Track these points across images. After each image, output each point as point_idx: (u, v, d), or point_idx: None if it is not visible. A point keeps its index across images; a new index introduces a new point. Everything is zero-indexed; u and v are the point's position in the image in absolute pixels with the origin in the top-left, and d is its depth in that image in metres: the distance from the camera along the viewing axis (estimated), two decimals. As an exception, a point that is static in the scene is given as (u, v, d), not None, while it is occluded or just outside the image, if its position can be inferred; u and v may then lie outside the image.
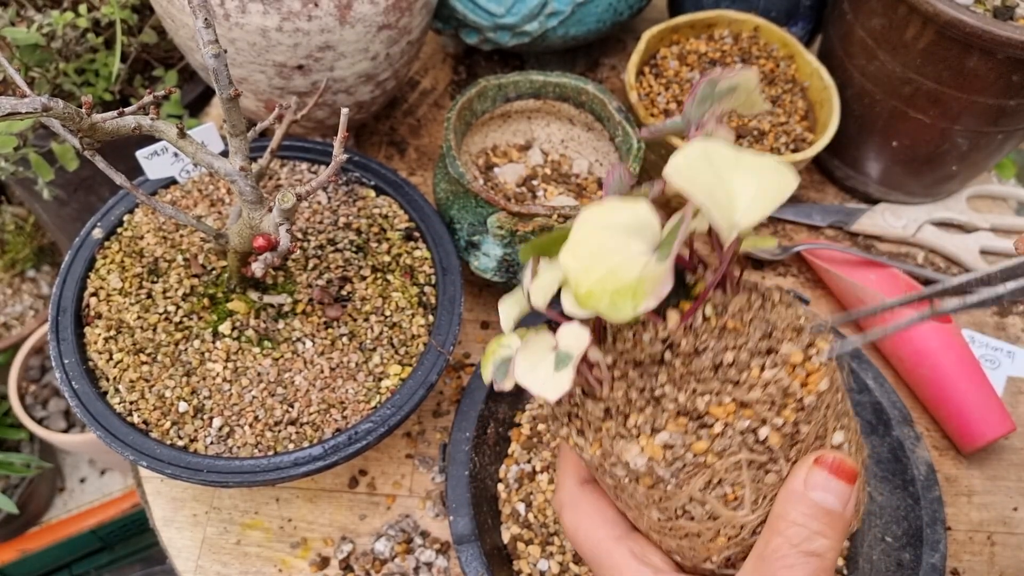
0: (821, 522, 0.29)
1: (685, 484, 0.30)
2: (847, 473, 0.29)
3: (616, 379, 0.32)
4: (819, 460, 0.29)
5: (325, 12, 0.53)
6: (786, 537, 0.29)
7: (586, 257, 0.28)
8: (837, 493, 0.29)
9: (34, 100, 0.34)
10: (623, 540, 0.34)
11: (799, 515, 0.29)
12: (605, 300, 0.27)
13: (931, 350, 0.60)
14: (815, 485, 0.29)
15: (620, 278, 0.27)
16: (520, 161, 0.67)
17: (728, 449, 0.29)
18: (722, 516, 0.30)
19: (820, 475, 0.29)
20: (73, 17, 0.66)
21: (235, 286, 0.54)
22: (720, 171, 0.27)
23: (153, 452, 0.47)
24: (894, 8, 0.58)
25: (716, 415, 0.30)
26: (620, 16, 0.70)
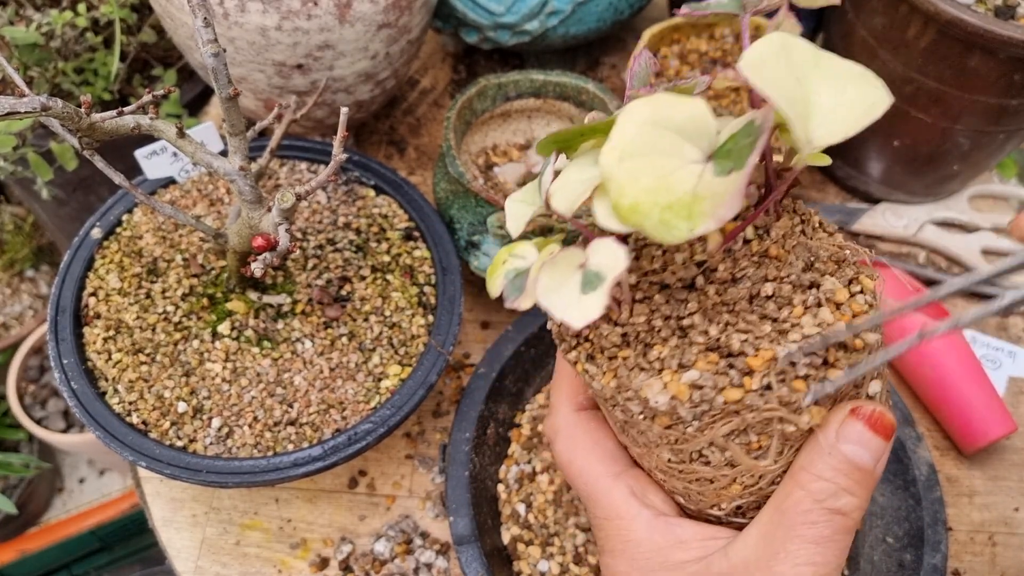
0: (851, 478, 0.26)
1: (708, 429, 0.27)
2: (885, 427, 0.26)
3: (638, 302, 0.28)
4: (856, 411, 0.26)
5: (324, 11, 0.53)
6: (809, 491, 0.26)
7: (633, 159, 0.23)
8: (872, 448, 0.26)
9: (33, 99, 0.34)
10: (621, 477, 0.31)
11: (827, 468, 0.26)
12: (654, 216, 0.22)
13: (932, 350, 0.60)
14: (849, 437, 0.26)
15: (673, 190, 0.22)
16: (520, 160, 0.67)
17: (756, 403, 0.26)
18: (742, 464, 0.27)
19: (856, 427, 0.26)
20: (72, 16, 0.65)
21: (234, 286, 0.54)
22: (800, 73, 0.23)
23: (152, 452, 0.47)
24: (895, 7, 0.58)
25: (753, 365, 0.26)
26: (621, 15, 0.70)
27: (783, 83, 0.22)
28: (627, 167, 0.23)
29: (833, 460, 0.26)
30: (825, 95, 0.23)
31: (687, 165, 0.23)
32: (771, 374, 0.26)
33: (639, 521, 0.30)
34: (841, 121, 0.23)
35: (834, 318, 0.26)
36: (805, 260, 0.27)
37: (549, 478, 0.54)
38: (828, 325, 0.26)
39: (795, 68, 0.23)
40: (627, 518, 0.30)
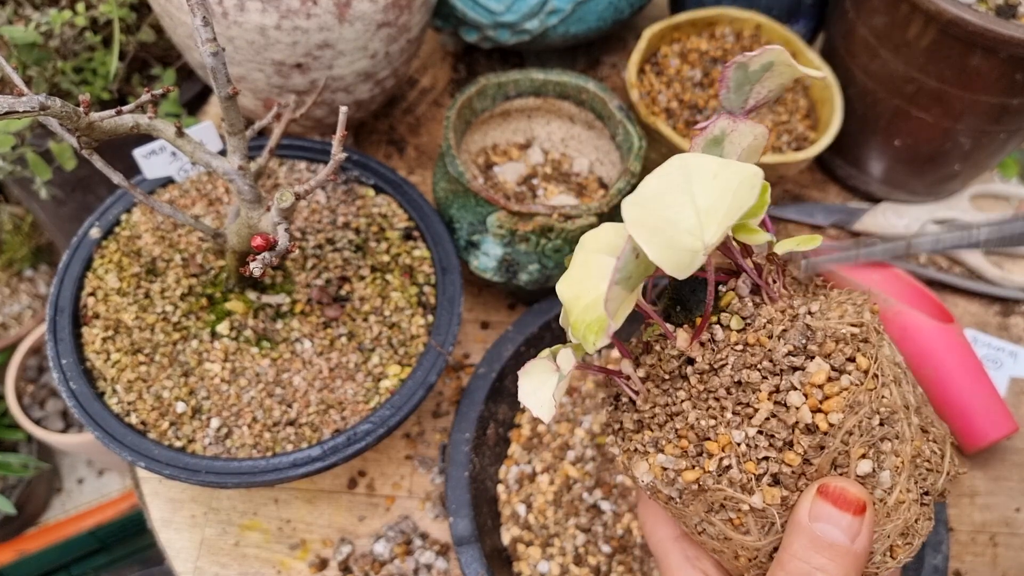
0: (823, 556, 0.27)
1: (690, 504, 0.29)
2: (851, 504, 0.27)
3: (647, 392, 0.32)
4: (822, 489, 0.27)
5: (324, 10, 0.53)
6: (787, 571, 0.27)
7: (575, 285, 0.28)
8: (842, 525, 0.27)
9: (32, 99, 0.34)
10: (679, 541, 0.34)
11: (800, 548, 0.27)
12: (581, 331, 0.27)
13: (934, 350, 0.59)
14: (818, 516, 0.27)
15: (597, 310, 0.27)
16: (520, 160, 0.67)
17: (722, 481, 0.28)
18: (733, 539, 0.29)
19: (823, 506, 0.27)
20: (71, 15, 0.65)
21: (233, 286, 0.54)
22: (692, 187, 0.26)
23: (151, 453, 0.47)
24: (896, 6, 0.58)
25: (710, 449, 0.28)
26: (621, 14, 0.70)
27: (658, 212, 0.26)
28: (573, 293, 0.28)
29: (805, 539, 0.27)
30: (701, 196, 0.26)
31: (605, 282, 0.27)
32: (730, 456, 0.28)
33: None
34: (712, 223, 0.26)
35: (804, 403, 0.28)
36: (796, 343, 0.29)
37: (549, 478, 0.54)
38: (786, 411, 0.28)
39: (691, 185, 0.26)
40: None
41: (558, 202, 0.63)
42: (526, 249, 0.55)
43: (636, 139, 0.58)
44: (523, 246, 0.55)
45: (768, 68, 0.31)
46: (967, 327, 0.67)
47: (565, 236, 0.54)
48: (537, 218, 0.53)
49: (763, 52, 0.31)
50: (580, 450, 0.55)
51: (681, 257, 0.25)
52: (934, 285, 0.68)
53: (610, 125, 0.62)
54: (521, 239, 0.55)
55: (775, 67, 0.31)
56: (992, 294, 0.68)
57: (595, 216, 0.54)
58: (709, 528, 0.30)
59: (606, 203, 0.54)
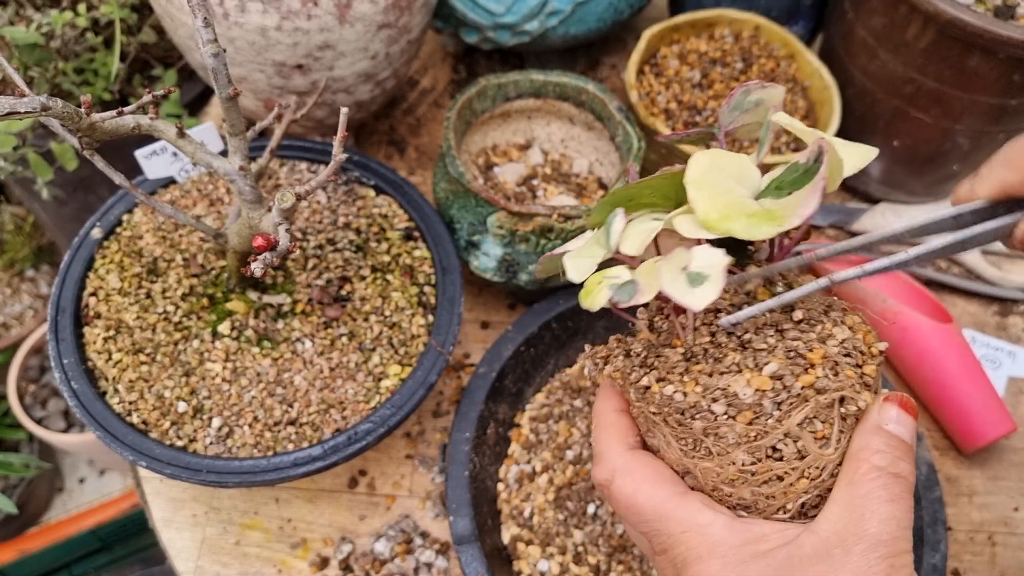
0: (900, 449, 0.31)
1: (785, 418, 0.32)
2: (912, 408, 0.32)
3: (700, 326, 0.34)
4: (889, 397, 0.32)
5: (324, 11, 0.53)
6: (874, 464, 0.31)
7: (710, 188, 0.31)
8: (907, 424, 0.32)
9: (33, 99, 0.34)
10: (688, 494, 0.33)
11: (881, 444, 0.31)
12: (741, 222, 0.30)
13: (932, 350, 0.60)
14: (889, 419, 0.32)
15: (747, 207, 0.30)
16: (520, 160, 0.67)
17: (826, 385, 0.32)
18: (811, 454, 0.32)
19: (893, 410, 0.32)
20: (72, 16, 0.65)
21: (234, 286, 0.54)
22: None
23: (152, 452, 0.47)
24: (895, 7, 0.58)
25: (812, 359, 0.32)
26: (621, 15, 0.70)
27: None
28: (708, 193, 0.30)
29: (883, 436, 0.31)
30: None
31: (745, 198, 0.31)
32: (826, 367, 0.32)
33: (717, 524, 0.32)
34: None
35: (853, 333, 0.33)
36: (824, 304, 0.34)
37: (549, 478, 0.54)
38: (853, 332, 0.33)
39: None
40: (705, 523, 0.32)
41: (558, 202, 0.63)
42: (526, 249, 0.55)
43: (635, 140, 0.58)
44: (523, 246, 0.55)
45: (757, 104, 0.35)
46: (965, 327, 0.67)
47: (565, 236, 0.54)
48: (537, 218, 0.53)
49: (764, 87, 0.35)
50: (579, 450, 0.55)
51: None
52: (933, 285, 0.69)
53: (610, 126, 0.62)
54: (521, 239, 0.55)
55: (760, 107, 0.35)
56: (990, 294, 0.68)
57: (595, 216, 0.54)
58: (787, 448, 0.32)
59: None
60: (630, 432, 0.37)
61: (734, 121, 0.36)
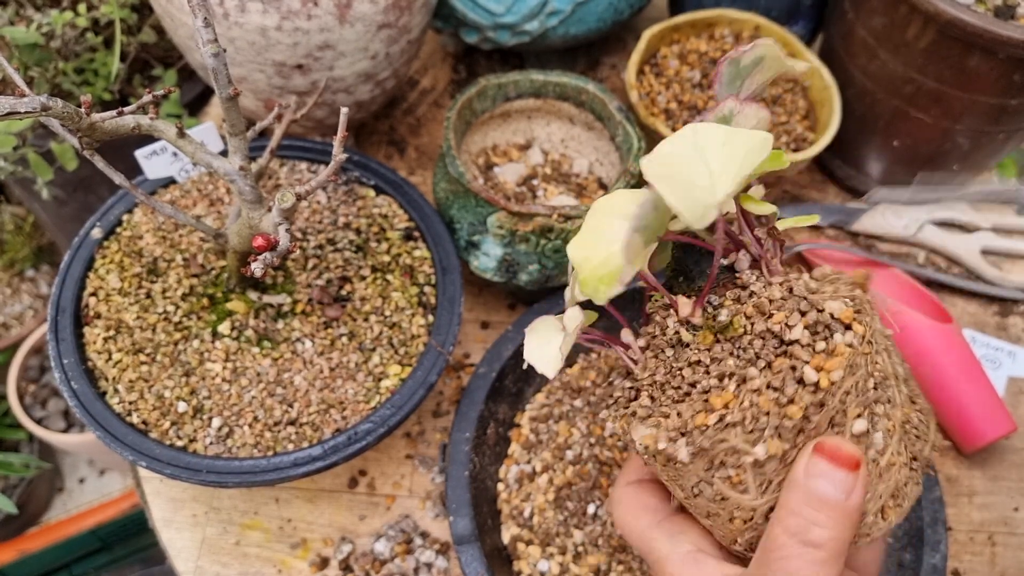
0: (819, 511, 0.28)
1: (691, 463, 0.30)
2: (845, 460, 0.28)
3: (648, 359, 0.33)
4: (818, 447, 0.29)
5: (324, 11, 0.53)
6: (784, 527, 0.28)
7: (587, 246, 0.29)
8: (836, 482, 0.28)
9: (33, 99, 0.34)
10: (662, 524, 0.35)
11: (797, 504, 0.28)
12: (592, 285, 0.29)
13: (932, 350, 0.60)
14: (813, 473, 0.28)
15: (609, 264, 0.28)
16: (520, 160, 0.67)
17: (722, 436, 0.29)
18: (730, 498, 0.30)
19: (819, 463, 0.28)
20: (72, 16, 0.65)
21: (234, 286, 0.54)
22: (704, 153, 0.28)
23: (152, 452, 0.47)
24: (895, 7, 0.58)
25: (714, 404, 0.30)
26: (621, 15, 0.70)
27: (677, 170, 0.28)
28: (584, 253, 0.29)
29: (801, 495, 0.28)
30: (713, 161, 0.28)
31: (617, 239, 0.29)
32: (734, 411, 0.29)
33: (673, 558, 0.33)
34: (723, 178, 0.28)
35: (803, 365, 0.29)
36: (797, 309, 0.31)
37: (549, 478, 0.54)
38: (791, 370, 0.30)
39: (701, 150, 0.28)
40: (663, 556, 0.34)
41: (558, 202, 0.63)
42: (526, 249, 0.55)
43: (635, 140, 0.58)
44: (523, 246, 0.55)
45: (759, 63, 0.32)
46: (965, 327, 0.67)
47: (565, 236, 0.54)
48: (537, 218, 0.53)
49: (754, 47, 0.32)
50: (579, 450, 0.55)
51: (696, 208, 0.27)
52: (932, 285, 0.69)
53: (610, 126, 0.62)
54: (521, 239, 0.55)
55: (765, 61, 0.32)
56: (990, 294, 0.68)
57: (595, 216, 0.54)
58: (706, 489, 0.31)
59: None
60: (636, 470, 0.39)
61: (741, 92, 0.33)
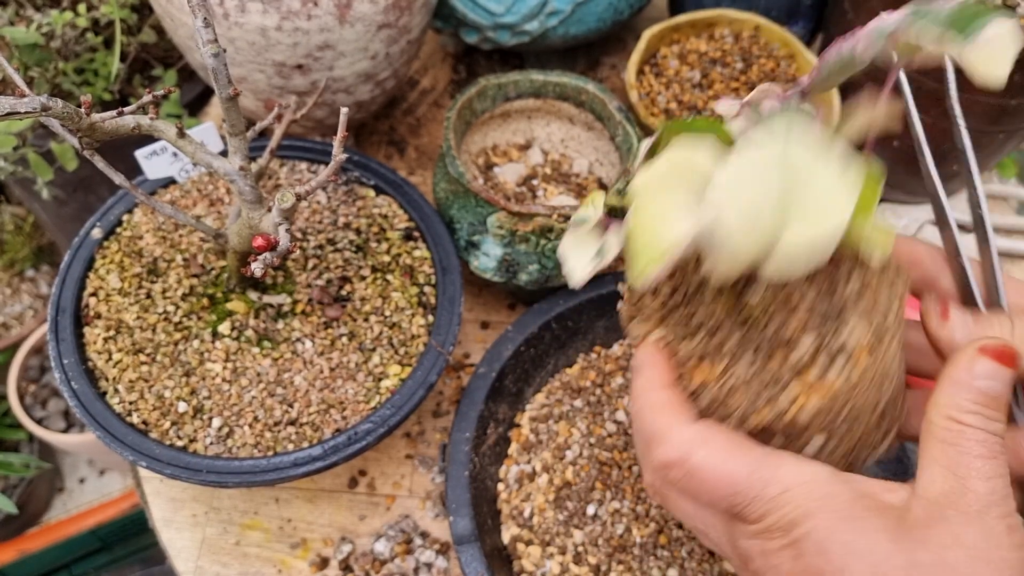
0: (993, 406, 0.29)
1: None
2: (1009, 357, 0.30)
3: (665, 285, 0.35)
4: (983, 349, 0.30)
5: (324, 11, 0.53)
6: (966, 422, 0.29)
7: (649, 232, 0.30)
8: (1002, 378, 0.30)
9: (33, 100, 0.34)
10: (781, 453, 0.31)
11: (971, 402, 0.29)
12: (640, 271, 0.29)
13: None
14: (981, 374, 0.30)
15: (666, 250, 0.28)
16: (520, 160, 0.67)
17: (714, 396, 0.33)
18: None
19: (985, 364, 0.30)
20: (72, 16, 0.65)
21: (234, 286, 0.54)
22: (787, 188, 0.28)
23: (152, 452, 0.47)
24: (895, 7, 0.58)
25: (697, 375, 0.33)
26: (620, 15, 0.70)
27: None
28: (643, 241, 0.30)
29: (973, 394, 0.30)
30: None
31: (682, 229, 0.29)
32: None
33: (821, 477, 0.30)
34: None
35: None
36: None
37: (549, 478, 0.54)
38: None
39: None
40: (809, 478, 0.30)
41: (558, 202, 0.63)
42: (526, 249, 0.55)
43: (635, 140, 0.58)
44: (523, 246, 0.55)
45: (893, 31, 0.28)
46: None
47: (565, 236, 0.54)
48: (537, 218, 0.53)
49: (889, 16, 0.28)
50: (579, 450, 0.55)
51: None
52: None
53: (610, 126, 0.62)
54: (521, 239, 0.55)
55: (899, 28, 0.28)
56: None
57: (594, 216, 0.54)
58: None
59: (605, 203, 0.54)
60: (687, 406, 0.34)
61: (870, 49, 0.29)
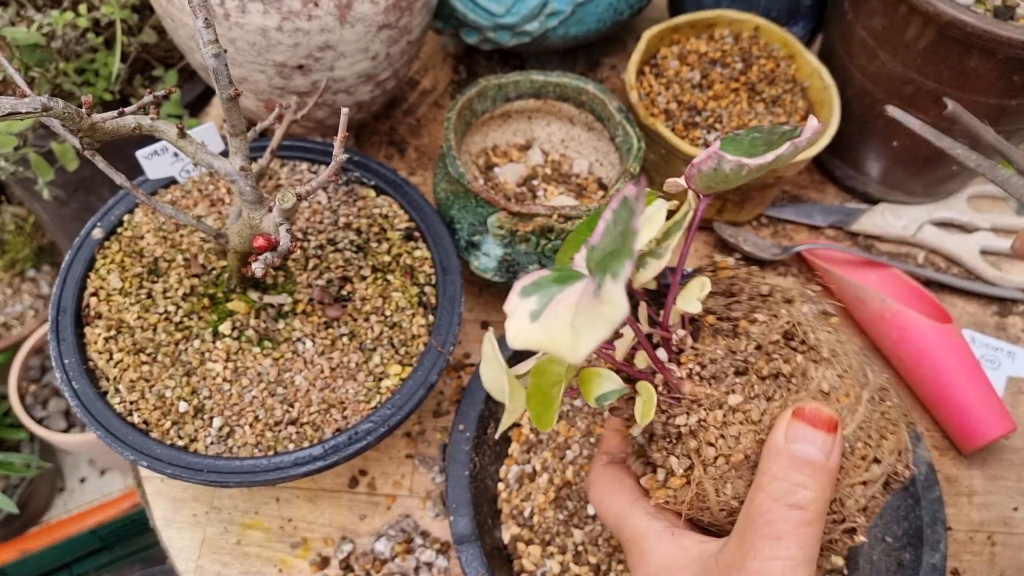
0: (803, 474, 0.29)
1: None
2: (825, 422, 0.29)
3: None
4: (797, 412, 0.30)
5: (325, 12, 0.53)
6: (768, 492, 0.29)
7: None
8: (818, 443, 0.29)
9: (34, 100, 0.34)
10: (638, 502, 0.36)
11: (779, 468, 0.29)
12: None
13: (931, 350, 0.60)
14: (794, 437, 0.29)
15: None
16: (520, 161, 0.67)
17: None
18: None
19: (799, 427, 0.29)
20: (73, 17, 0.65)
21: (235, 286, 0.54)
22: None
23: (153, 452, 0.47)
24: (895, 8, 0.58)
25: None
26: (620, 16, 0.70)
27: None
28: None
29: (784, 460, 0.29)
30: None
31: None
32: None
33: (650, 533, 0.34)
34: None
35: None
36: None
37: (549, 478, 0.54)
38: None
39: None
40: (641, 532, 0.35)
41: (558, 203, 0.63)
42: (526, 249, 0.55)
43: (635, 140, 0.58)
44: (523, 246, 0.55)
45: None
46: (965, 327, 0.67)
47: (565, 236, 0.54)
48: (537, 219, 0.54)
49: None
50: (579, 449, 0.55)
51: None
52: (932, 285, 0.69)
53: (610, 126, 0.62)
54: (521, 239, 0.55)
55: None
56: (990, 294, 0.69)
57: (594, 217, 0.54)
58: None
59: (605, 204, 0.54)
60: (612, 449, 0.41)
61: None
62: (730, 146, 0.32)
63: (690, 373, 0.33)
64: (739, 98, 0.67)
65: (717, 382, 0.33)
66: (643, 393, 0.33)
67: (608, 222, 0.26)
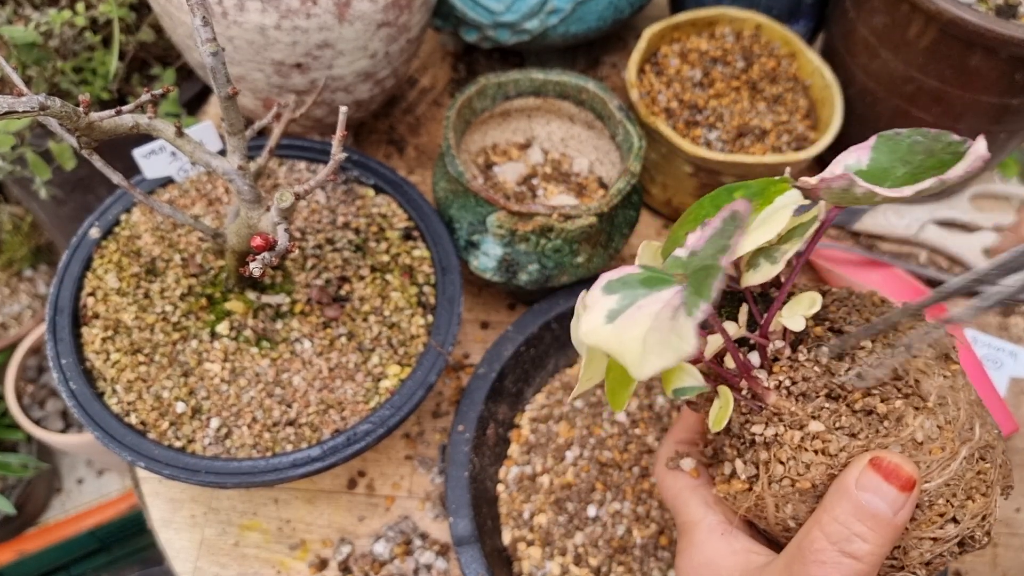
0: (865, 525, 0.27)
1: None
2: (902, 479, 0.28)
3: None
4: (874, 461, 0.28)
5: (324, 10, 0.53)
6: (825, 532, 0.28)
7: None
8: (889, 499, 0.27)
9: (31, 99, 0.34)
10: (699, 489, 0.37)
11: (843, 512, 0.28)
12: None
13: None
14: (866, 486, 0.28)
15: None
16: (520, 160, 0.67)
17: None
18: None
19: (872, 478, 0.28)
20: (70, 15, 0.65)
21: (233, 286, 0.54)
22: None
23: (151, 453, 0.47)
24: (896, 6, 0.58)
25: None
26: (621, 14, 0.70)
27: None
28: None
29: (849, 505, 0.28)
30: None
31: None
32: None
33: (703, 525, 0.35)
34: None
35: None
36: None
37: (549, 479, 0.54)
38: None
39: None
40: (696, 521, 0.35)
41: (558, 202, 0.63)
42: (526, 249, 0.55)
43: (636, 139, 0.58)
44: (523, 246, 0.55)
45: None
46: (967, 327, 0.66)
47: (565, 236, 0.54)
48: (537, 218, 0.53)
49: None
50: (579, 451, 0.55)
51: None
52: (934, 285, 0.69)
53: (610, 125, 0.62)
54: (521, 239, 0.54)
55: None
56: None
57: (595, 216, 0.54)
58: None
59: (606, 203, 0.54)
60: (686, 428, 0.41)
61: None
62: (886, 146, 0.30)
63: (779, 384, 0.32)
64: (740, 96, 0.67)
65: (805, 400, 0.31)
66: (722, 397, 0.32)
67: (715, 230, 0.26)
